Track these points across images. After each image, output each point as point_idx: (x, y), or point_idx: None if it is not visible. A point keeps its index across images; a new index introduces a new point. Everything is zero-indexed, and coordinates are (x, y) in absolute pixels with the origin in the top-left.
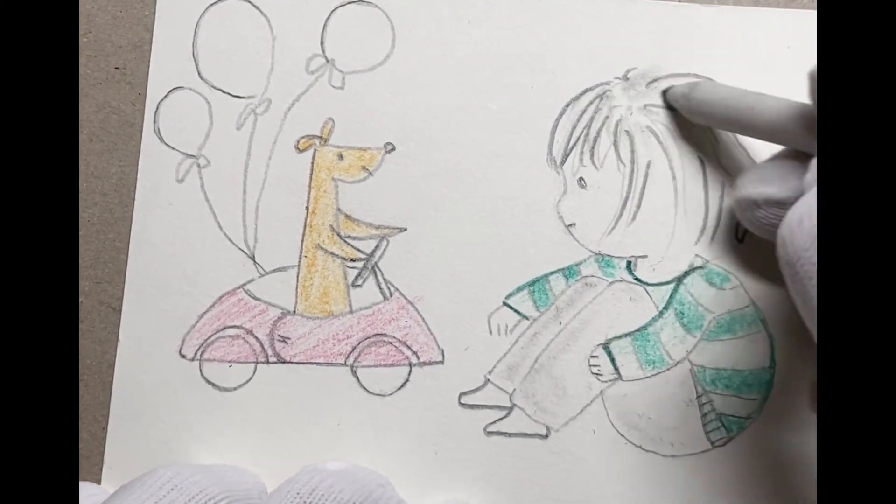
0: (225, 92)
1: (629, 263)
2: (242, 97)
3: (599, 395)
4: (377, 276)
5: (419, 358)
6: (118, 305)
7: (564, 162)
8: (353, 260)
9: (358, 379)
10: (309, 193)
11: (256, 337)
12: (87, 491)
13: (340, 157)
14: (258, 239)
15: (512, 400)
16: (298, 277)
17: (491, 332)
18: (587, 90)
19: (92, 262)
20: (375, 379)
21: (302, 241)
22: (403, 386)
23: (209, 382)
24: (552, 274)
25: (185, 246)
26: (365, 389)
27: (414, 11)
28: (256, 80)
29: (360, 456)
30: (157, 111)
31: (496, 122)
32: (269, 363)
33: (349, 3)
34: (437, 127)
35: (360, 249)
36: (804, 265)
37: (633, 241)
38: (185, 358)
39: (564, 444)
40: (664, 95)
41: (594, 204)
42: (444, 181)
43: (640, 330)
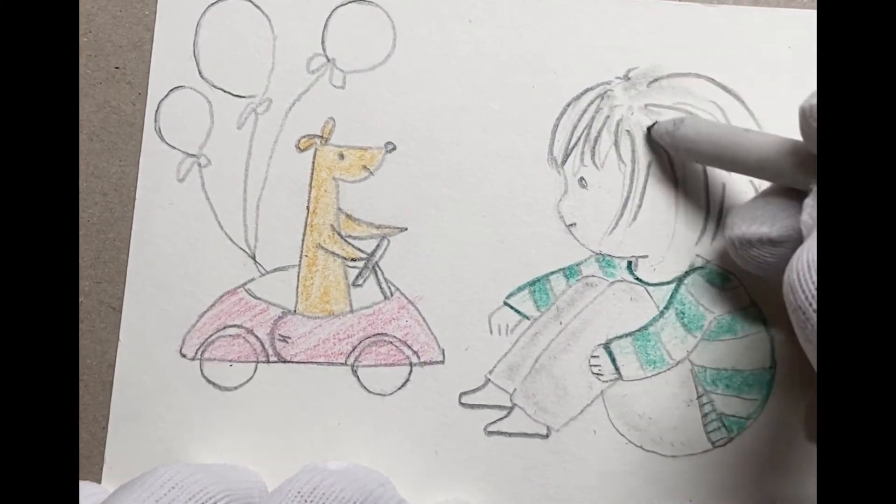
0: (226, 91)
1: (630, 263)
2: (243, 96)
3: (600, 394)
4: (378, 275)
5: (420, 357)
6: (118, 305)
7: (565, 161)
8: (353, 259)
9: (358, 378)
10: (310, 193)
11: (257, 336)
12: (87, 490)
13: (341, 156)
14: (259, 238)
15: (512, 400)
16: (299, 277)
17: (491, 331)
18: (588, 90)
19: (92, 261)
20: (376, 378)
21: (303, 240)
22: (404, 385)
23: (210, 382)
24: (553, 274)
25: (185, 245)
26: (365, 389)
27: (415, 11)
28: (257, 79)
29: (360, 455)
30: (157, 110)
31: (497, 121)
32: (269, 362)
33: (350, 2)
34: (438, 126)
35: (360, 249)
36: (815, 312)
37: (633, 241)
38: (185, 357)
39: (565, 443)
40: (649, 132)
41: (595, 204)
42: (444, 181)
43: (640, 330)
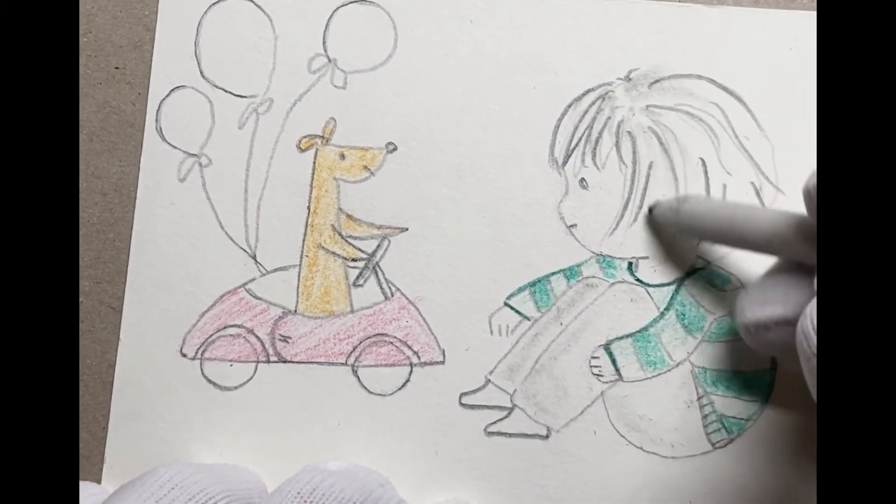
0: (227, 91)
1: (630, 264)
2: (244, 96)
3: (600, 395)
4: (378, 275)
5: (420, 358)
6: (118, 305)
7: (566, 162)
8: (354, 260)
9: (359, 379)
10: (310, 193)
11: (257, 336)
12: (87, 490)
13: (342, 156)
14: (259, 238)
15: (513, 400)
16: (300, 277)
17: (492, 332)
18: (589, 91)
19: (92, 262)
20: (376, 379)
21: (303, 240)
22: (404, 386)
23: (210, 381)
24: (553, 274)
25: (186, 245)
26: (366, 389)
27: (416, 11)
28: (258, 79)
29: (360, 456)
30: (158, 110)
31: (498, 122)
32: (269, 362)
33: (351, 2)
34: (438, 127)
35: (361, 249)
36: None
37: (634, 242)
38: (185, 357)
39: (565, 444)
40: (651, 212)
41: (596, 205)
42: (445, 181)
43: (641, 331)
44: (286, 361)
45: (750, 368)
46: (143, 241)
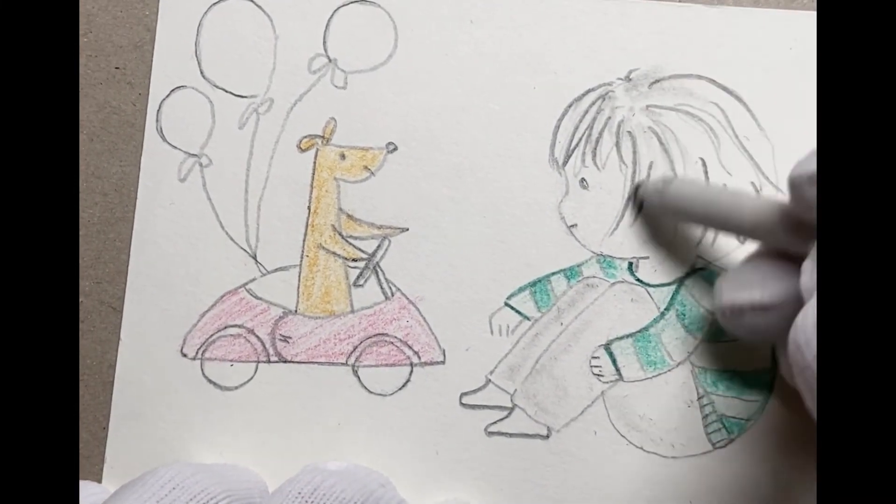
0: (227, 91)
1: (631, 264)
2: (245, 96)
3: (600, 395)
4: (379, 275)
5: (420, 358)
6: (118, 305)
7: (566, 162)
8: (354, 260)
9: (359, 379)
10: (311, 193)
11: (258, 336)
12: (87, 490)
13: (342, 156)
14: (260, 238)
15: (513, 400)
16: (300, 277)
17: (492, 332)
18: (589, 91)
19: (92, 262)
20: (376, 379)
21: (304, 240)
22: (404, 386)
23: (210, 381)
24: (554, 275)
25: (186, 245)
26: (366, 389)
27: (416, 11)
28: (259, 79)
29: (360, 456)
30: (159, 110)
31: (498, 122)
32: (270, 362)
33: (351, 2)
34: (439, 127)
35: (361, 249)
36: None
37: (634, 242)
38: (186, 357)
39: (565, 444)
40: (636, 192)
41: (596, 205)
42: (445, 181)
43: (641, 331)
44: (287, 361)
45: (750, 368)
46: (143, 241)
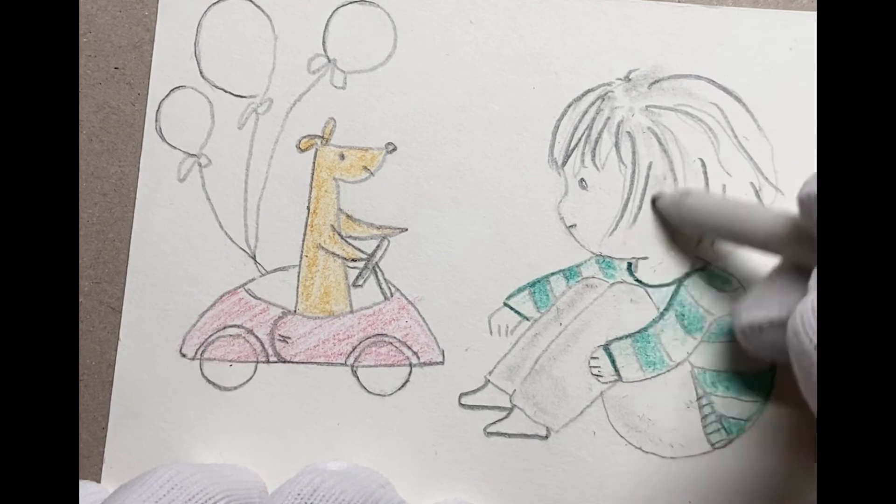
0: (227, 91)
1: (630, 265)
2: (244, 96)
3: (600, 396)
4: (378, 276)
5: (419, 358)
6: (118, 305)
7: (566, 163)
8: (353, 260)
9: (358, 379)
10: (310, 193)
11: (257, 336)
12: (87, 489)
13: (342, 156)
14: (259, 238)
15: (512, 401)
16: (299, 277)
17: (491, 332)
18: (589, 91)
19: (92, 262)
20: (376, 379)
21: (303, 240)
22: (404, 386)
23: (209, 382)
24: (553, 275)
25: (186, 245)
26: (365, 389)
27: (416, 11)
28: (258, 79)
29: (359, 456)
30: (158, 110)
31: (498, 122)
32: (269, 363)
33: (351, 2)
34: (438, 127)
35: (361, 249)
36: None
37: (634, 242)
38: (185, 357)
39: (564, 445)
40: (653, 203)
41: (595, 205)
42: (445, 181)
43: (640, 331)
44: (286, 361)
45: (749, 369)
46: (142, 241)
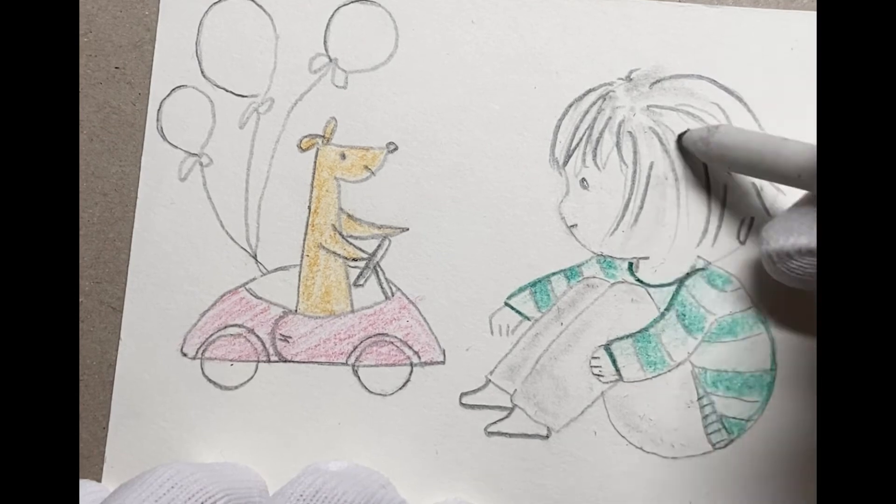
0: (228, 90)
1: (631, 265)
2: (245, 96)
3: (600, 396)
4: (379, 275)
5: (420, 358)
6: (118, 305)
7: (567, 162)
8: (354, 259)
9: (359, 378)
10: (311, 193)
11: (258, 336)
12: (87, 489)
13: (343, 156)
14: (260, 238)
15: (513, 400)
16: (300, 276)
17: (492, 332)
18: (590, 91)
19: (92, 261)
20: (376, 378)
21: (304, 240)
22: (404, 386)
23: (210, 381)
24: (554, 275)
25: (187, 244)
26: (366, 389)
27: (417, 11)
28: (259, 78)
29: (360, 455)
30: (159, 109)
31: (499, 122)
32: (270, 362)
33: (352, 2)
34: (439, 127)
35: (361, 249)
36: None
37: (635, 242)
38: (186, 356)
39: (565, 444)
40: (680, 139)
41: (596, 205)
42: (446, 181)
43: (641, 331)
44: (287, 361)
45: (750, 369)
46: (143, 240)
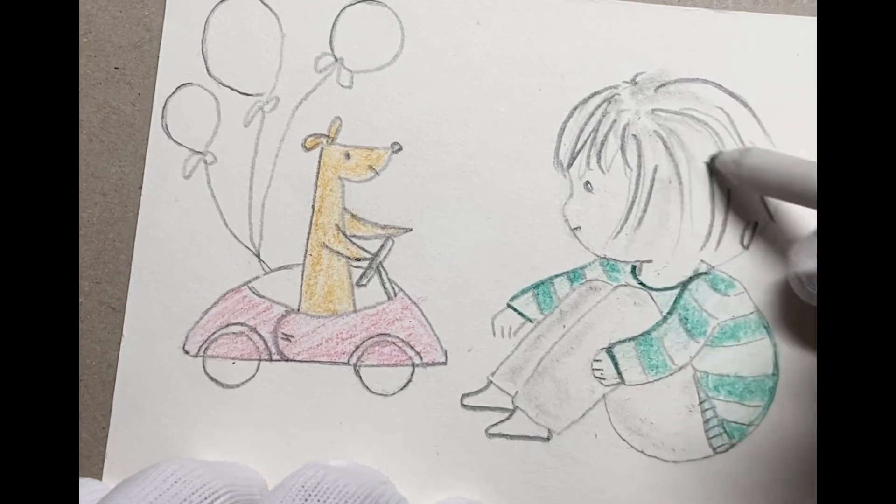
0: (233, 89)
1: (634, 268)
2: (250, 94)
3: (602, 398)
4: (382, 275)
5: (422, 358)
6: (118, 305)
7: (571, 165)
8: (357, 259)
9: (361, 378)
10: (315, 192)
11: (260, 334)
12: (88, 487)
13: (347, 156)
14: (264, 236)
15: (514, 402)
16: (303, 276)
17: (494, 333)
18: (595, 93)
19: (92, 262)
20: (378, 378)
21: (307, 239)
22: (406, 386)
23: (212, 379)
24: (557, 277)
25: (190, 242)
26: (367, 389)
27: (423, 11)
28: (265, 77)
29: (361, 455)
30: (164, 107)
31: (503, 123)
32: (272, 361)
33: (358, 2)
34: (444, 128)
35: (365, 249)
36: None
37: (638, 245)
38: (188, 354)
39: (566, 447)
40: (712, 161)
41: (600, 208)
42: (450, 182)
43: (643, 334)
44: (288, 360)
45: (752, 374)
46: (147, 237)
